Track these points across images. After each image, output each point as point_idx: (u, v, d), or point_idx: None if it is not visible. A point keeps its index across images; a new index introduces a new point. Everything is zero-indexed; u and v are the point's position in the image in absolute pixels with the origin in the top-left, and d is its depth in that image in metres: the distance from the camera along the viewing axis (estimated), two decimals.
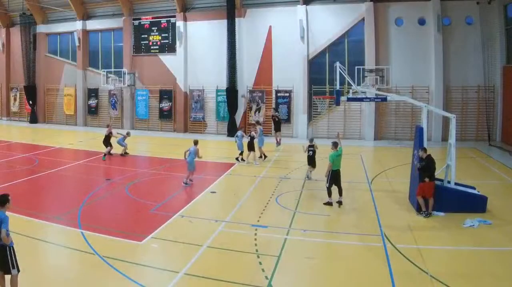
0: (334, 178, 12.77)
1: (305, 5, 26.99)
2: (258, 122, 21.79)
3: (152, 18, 31.22)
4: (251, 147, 18.95)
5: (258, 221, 11.46)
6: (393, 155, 21.59)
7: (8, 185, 15.17)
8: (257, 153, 19.56)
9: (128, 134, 21.04)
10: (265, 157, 19.75)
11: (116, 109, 32.64)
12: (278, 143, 22.63)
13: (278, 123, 23.52)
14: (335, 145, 13.19)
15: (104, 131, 21.25)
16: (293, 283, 8.29)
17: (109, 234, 10.38)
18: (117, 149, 20.71)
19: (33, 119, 35.71)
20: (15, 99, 37.66)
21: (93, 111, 33.72)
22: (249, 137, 19.08)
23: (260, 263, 8.80)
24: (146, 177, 16.86)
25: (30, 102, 35.77)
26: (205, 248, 9.57)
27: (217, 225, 11.11)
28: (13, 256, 7.10)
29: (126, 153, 20.82)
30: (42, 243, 9.92)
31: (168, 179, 16.85)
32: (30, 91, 35.47)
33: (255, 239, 10.12)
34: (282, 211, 12.43)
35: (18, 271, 7.15)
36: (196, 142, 15.77)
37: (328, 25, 26.66)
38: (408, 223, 11.24)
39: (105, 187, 15.38)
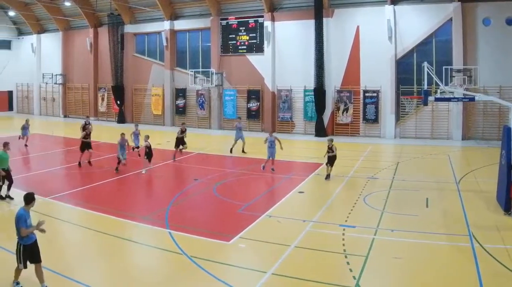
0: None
1: (392, 5, 34.22)
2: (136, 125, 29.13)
3: (240, 18, 39.88)
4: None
5: (346, 221, 13.61)
6: (480, 155, 26.04)
7: (96, 184, 18.52)
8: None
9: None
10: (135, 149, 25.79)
11: (204, 109, 41.73)
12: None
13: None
14: (5, 145, 15.45)
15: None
16: (381, 283, 9.85)
17: (197, 234, 12.45)
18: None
19: (121, 119, 45.65)
20: (102, 99, 48.24)
21: (181, 111, 42.94)
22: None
23: (348, 263, 10.42)
24: (234, 177, 20.27)
25: (118, 102, 45.62)
26: (292, 248, 11.42)
27: (304, 225, 13.22)
28: (20, 253, 8.96)
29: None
30: (130, 243, 11.95)
31: (256, 179, 20.08)
32: (118, 91, 45.39)
33: (343, 239, 12.05)
34: (370, 211, 14.78)
35: (24, 267, 8.99)
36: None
37: (416, 25, 33.79)
38: (496, 223, 13.25)
39: (193, 187, 18.34)
